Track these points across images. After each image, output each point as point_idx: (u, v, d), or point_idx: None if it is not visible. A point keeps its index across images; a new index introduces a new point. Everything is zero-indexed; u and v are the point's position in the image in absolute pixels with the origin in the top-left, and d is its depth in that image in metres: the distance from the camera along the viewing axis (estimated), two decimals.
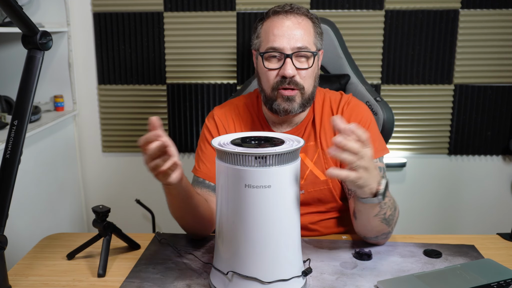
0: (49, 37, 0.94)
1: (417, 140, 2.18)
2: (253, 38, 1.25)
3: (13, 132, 0.91)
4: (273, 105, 1.20)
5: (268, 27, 1.19)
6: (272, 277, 0.88)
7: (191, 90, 2.15)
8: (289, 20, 1.16)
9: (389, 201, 1.04)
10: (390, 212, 1.06)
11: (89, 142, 2.25)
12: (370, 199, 0.98)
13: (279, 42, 1.15)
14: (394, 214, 1.08)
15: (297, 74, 1.17)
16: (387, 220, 1.06)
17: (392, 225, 1.10)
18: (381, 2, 2.05)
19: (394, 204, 1.08)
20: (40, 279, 1.02)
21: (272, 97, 1.20)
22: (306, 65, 1.17)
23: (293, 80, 1.16)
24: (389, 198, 1.05)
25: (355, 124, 0.89)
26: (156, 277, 1.01)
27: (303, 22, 1.17)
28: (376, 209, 1.03)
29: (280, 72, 1.16)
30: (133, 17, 2.10)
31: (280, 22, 1.17)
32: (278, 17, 1.18)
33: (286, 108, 1.19)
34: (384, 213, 1.04)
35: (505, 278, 0.96)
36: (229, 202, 0.88)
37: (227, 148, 0.85)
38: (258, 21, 1.23)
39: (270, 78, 1.19)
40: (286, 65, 1.15)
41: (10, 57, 2.06)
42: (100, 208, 1.06)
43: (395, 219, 1.10)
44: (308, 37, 1.17)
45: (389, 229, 1.10)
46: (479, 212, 2.25)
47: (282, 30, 1.16)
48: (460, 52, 2.08)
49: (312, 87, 1.21)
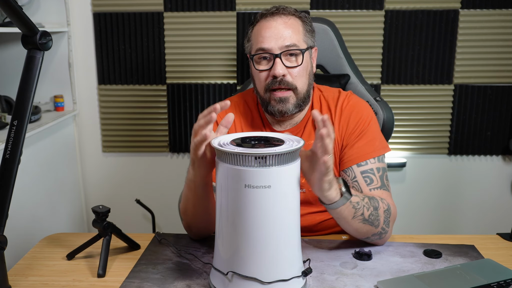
0: (49, 37, 0.94)
1: (417, 140, 2.18)
2: (245, 43, 1.28)
3: (13, 132, 0.91)
4: (268, 107, 1.22)
5: (257, 30, 1.21)
6: (272, 277, 0.88)
7: (191, 90, 2.15)
8: (275, 21, 1.19)
9: (362, 200, 1.05)
10: (368, 212, 1.06)
11: (89, 142, 2.25)
12: (340, 201, 0.99)
13: (267, 43, 1.17)
14: (376, 214, 1.07)
15: (288, 74, 1.18)
16: (369, 220, 1.06)
17: (381, 225, 1.09)
18: (381, 2, 2.05)
19: (370, 203, 1.07)
20: (40, 279, 1.02)
21: (266, 99, 1.21)
22: (296, 63, 1.18)
23: (284, 80, 1.17)
24: (362, 198, 1.06)
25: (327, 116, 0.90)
26: (156, 277, 1.01)
27: (289, 21, 1.19)
28: (351, 211, 1.03)
29: (271, 73, 1.18)
30: (133, 17, 2.10)
31: (267, 24, 1.19)
32: (265, 19, 1.20)
33: (281, 110, 1.20)
34: (361, 214, 1.05)
35: (505, 278, 0.96)
36: (229, 202, 0.88)
37: (227, 148, 0.85)
38: (249, 26, 1.26)
39: (262, 79, 1.20)
40: (275, 65, 1.17)
41: (10, 57, 2.06)
42: (100, 208, 1.06)
43: (382, 218, 1.09)
44: (297, 35, 1.19)
45: (378, 230, 1.10)
46: (479, 212, 2.25)
47: (270, 31, 1.18)
48: (460, 52, 2.08)
49: (306, 86, 1.21)
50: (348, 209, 1.02)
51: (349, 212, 1.03)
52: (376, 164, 1.18)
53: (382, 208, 1.10)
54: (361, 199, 1.05)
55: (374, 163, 1.18)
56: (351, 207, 1.03)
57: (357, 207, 1.04)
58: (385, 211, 1.10)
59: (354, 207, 1.03)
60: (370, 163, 1.18)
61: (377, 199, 1.10)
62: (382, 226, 1.10)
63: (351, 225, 1.07)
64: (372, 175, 1.17)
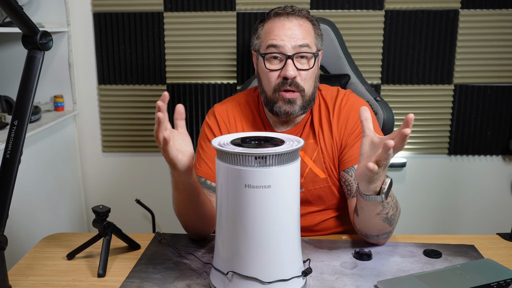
0: (49, 37, 0.94)
1: (417, 140, 2.18)
2: (253, 39, 1.25)
3: (13, 132, 0.91)
4: (274, 107, 1.20)
5: (269, 28, 1.19)
6: (272, 277, 0.88)
7: (191, 90, 2.15)
8: (290, 21, 1.17)
9: (391, 201, 1.04)
10: (392, 212, 1.05)
11: (89, 142, 2.25)
12: (373, 197, 0.98)
13: (280, 41, 1.16)
14: (396, 214, 1.08)
15: (298, 75, 1.17)
16: (389, 219, 1.06)
17: (394, 225, 1.10)
18: (381, 2, 2.05)
19: (396, 204, 1.07)
20: (40, 279, 1.02)
21: (273, 99, 1.20)
22: (307, 66, 1.17)
23: (294, 82, 1.16)
24: (392, 198, 1.05)
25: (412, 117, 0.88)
26: (156, 277, 1.01)
27: (304, 24, 1.18)
28: (379, 208, 1.02)
29: (282, 73, 1.16)
30: (133, 17, 2.10)
31: (282, 23, 1.17)
32: (279, 18, 1.18)
33: (287, 111, 1.19)
34: (386, 213, 1.04)
35: (505, 278, 0.96)
36: (229, 202, 0.88)
37: (227, 148, 0.85)
38: (258, 22, 1.23)
39: (272, 79, 1.19)
40: (287, 66, 1.15)
41: (10, 57, 2.06)
42: (100, 208, 1.06)
43: (397, 219, 1.10)
44: (309, 38, 1.18)
45: (390, 229, 1.10)
46: (479, 212, 2.25)
47: (284, 30, 1.16)
48: (460, 52, 2.08)
49: (312, 88, 1.21)
50: (376, 205, 1.01)
51: (376, 208, 1.02)
52: None
53: (399, 209, 1.10)
54: (392, 199, 1.04)
55: None
56: (380, 205, 1.02)
57: (386, 206, 1.03)
58: (400, 211, 1.11)
59: (383, 206, 1.02)
60: None
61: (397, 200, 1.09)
62: (394, 226, 1.10)
63: (371, 220, 1.05)
64: None
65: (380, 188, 0.97)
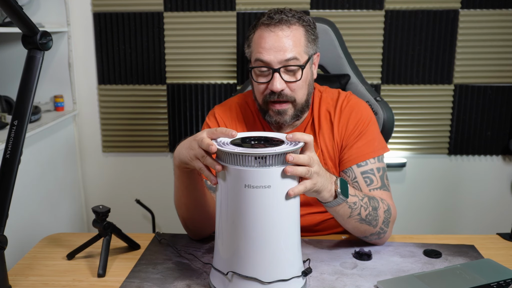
0: (49, 37, 0.94)
1: (417, 140, 2.18)
2: (245, 45, 1.23)
3: (13, 132, 0.91)
4: (265, 117, 1.22)
5: (257, 38, 1.17)
6: (272, 277, 0.88)
7: (191, 90, 2.15)
8: (276, 33, 1.13)
9: (360, 200, 1.05)
10: (366, 212, 1.06)
11: (89, 142, 2.25)
12: (333, 202, 1.00)
13: (267, 55, 1.13)
14: (375, 214, 1.08)
15: (287, 88, 1.16)
16: (366, 220, 1.07)
17: (379, 225, 1.10)
18: (381, 2, 2.05)
19: (369, 203, 1.07)
20: (40, 279, 1.02)
21: (264, 109, 1.21)
22: (294, 78, 1.16)
23: (282, 94, 1.16)
24: (361, 198, 1.06)
25: (295, 133, 0.89)
26: (156, 277, 1.01)
27: (292, 34, 1.14)
28: (347, 211, 1.04)
29: (269, 87, 1.16)
30: (133, 17, 2.10)
31: (268, 35, 1.14)
32: (267, 28, 1.14)
33: (278, 121, 1.20)
34: (358, 213, 1.05)
35: (505, 278, 0.96)
36: (229, 202, 0.88)
37: (227, 148, 0.85)
38: (251, 28, 1.21)
39: (260, 91, 1.19)
40: (274, 80, 1.14)
41: (10, 57, 2.06)
42: (100, 208, 1.06)
43: (382, 219, 1.09)
44: (298, 48, 1.14)
45: (376, 229, 1.10)
46: (479, 212, 2.25)
47: (270, 43, 1.13)
48: (460, 52, 2.08)
49: (305, 96, 1.20)
50: (344, 209, 1.03)
51: (344, 211, 1.04)
52: (376, 164, 1.18)
53: (382, 209, 1.10)
54: (360, 199, 1.06)
55: (374, 163, 1.18)
56: (347, 207, 1.03)
57: (354, 207, 1.04)
58: (385, 211, 1.10)
59: (351, 207, 1.04)
60: (370, 163, 1.18)
61: (377, 199, 1.10)
62: (380, 226, 1.10)
63: (347, 223, 1.08)
64: (372, 176, 1.17)
65: (335, 191, 0.98)
